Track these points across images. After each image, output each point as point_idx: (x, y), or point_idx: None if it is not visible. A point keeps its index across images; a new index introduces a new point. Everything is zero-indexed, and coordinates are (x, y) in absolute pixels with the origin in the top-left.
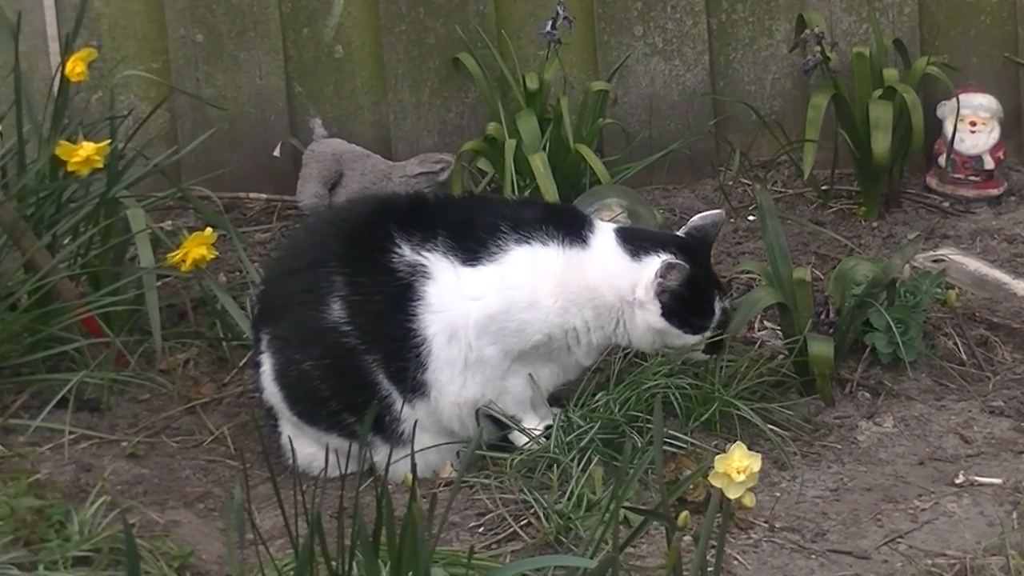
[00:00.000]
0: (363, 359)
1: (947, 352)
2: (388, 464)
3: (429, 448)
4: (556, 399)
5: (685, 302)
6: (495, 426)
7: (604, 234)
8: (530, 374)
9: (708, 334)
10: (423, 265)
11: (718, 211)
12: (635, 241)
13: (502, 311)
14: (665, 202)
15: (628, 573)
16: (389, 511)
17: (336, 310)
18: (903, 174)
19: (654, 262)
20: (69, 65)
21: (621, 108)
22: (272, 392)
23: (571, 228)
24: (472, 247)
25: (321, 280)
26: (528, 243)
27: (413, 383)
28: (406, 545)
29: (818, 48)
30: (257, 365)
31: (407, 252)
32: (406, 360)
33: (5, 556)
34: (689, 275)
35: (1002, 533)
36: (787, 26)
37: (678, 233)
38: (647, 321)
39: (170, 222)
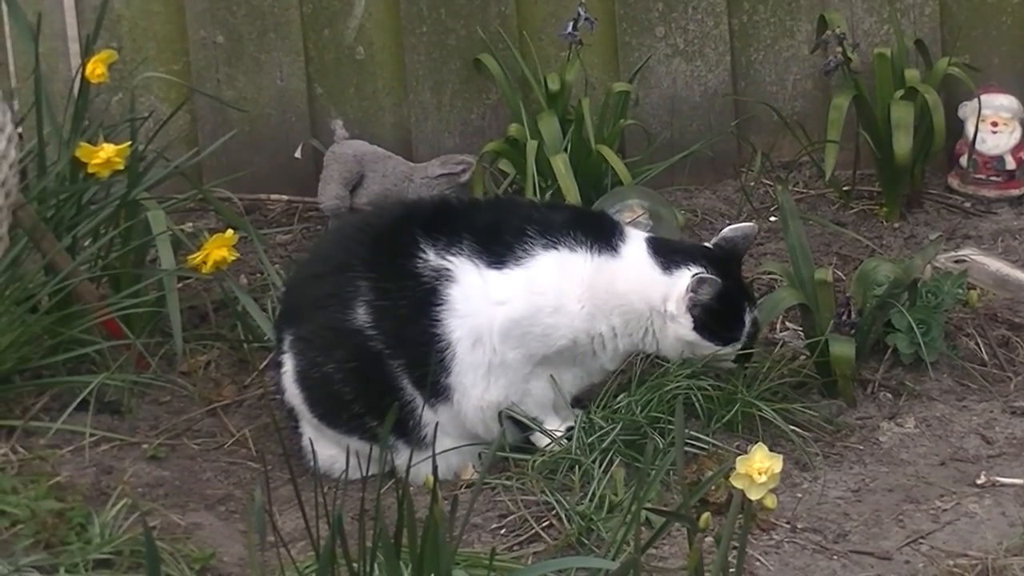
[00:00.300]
0: (388, 364)
1: (968, 352)
2: (409, 466)
3: (451, 450)
4: (578, 400)
5: (716, 315)
6: (517, 428)
7: (635, 243)
8: (552, 376)
9: (739, 345)
10: (448, 269)
11: (750, 224)
12: (666, 253)
13: (527, 316)
14: (687, 203)
15: (650, 574)
16: (410, 513)
17: (361, 315)
18: (924, 174)
19: (685, 276)
20: (89, 67)
21: (642, 109)
22: (293, 393)
23: (600, 234)
24: (498, 250)
25: (347, 285)
26: (556, 248)
27: (436, 387)
28: (427, 547)
29: (839, 49)
30: (279, 366)
31: (432, 256)
32: (432, 367)
33: (26, 559)
34: (720, 289)
35: (1023, 534)
36: (808, 27)
37: (708, 244)
38: (678, 333)
39: (191, 224)
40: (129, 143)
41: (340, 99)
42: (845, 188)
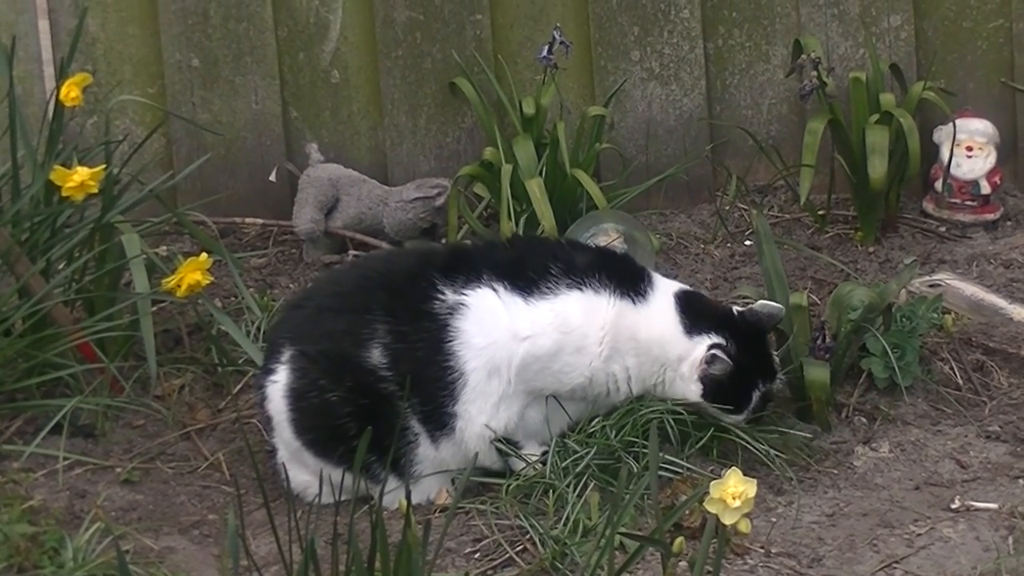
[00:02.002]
0: (397, 405)
1: (943, 377)
2: (382, 491)
3: (428, 476)
4: None
5: (725, 389)
6: (499, 454)
7: (664, 294)
8: (543, 407)
9: (743, 417)
10: (462, 302)
11: (779, 306)
12: (692, 313)
13: (551, 353)
14: (662, 227)
15: None
16: (384, 537)
17: (377, 356)
18: (900, 199)
19: (704, 343)
20: (64, 90)
21: (618, 133)
22: (279, 409)
23: (626, 279)
24: (521, 284)
25: (364, 326)
26: (580, 289)
27: (441, 417)
28: (401, 572)
29: (815, 73)
30: (269, 372)
31: (449, 295)
32: (440, 399)
33: None
34: (731, 370)
35: (998, 558)
36: (784, 51)
37: (736, 309)
38: (687, 394)
39: (165, 247)
40: (104, 166)
41: (315, 123)
42: (820, 212)
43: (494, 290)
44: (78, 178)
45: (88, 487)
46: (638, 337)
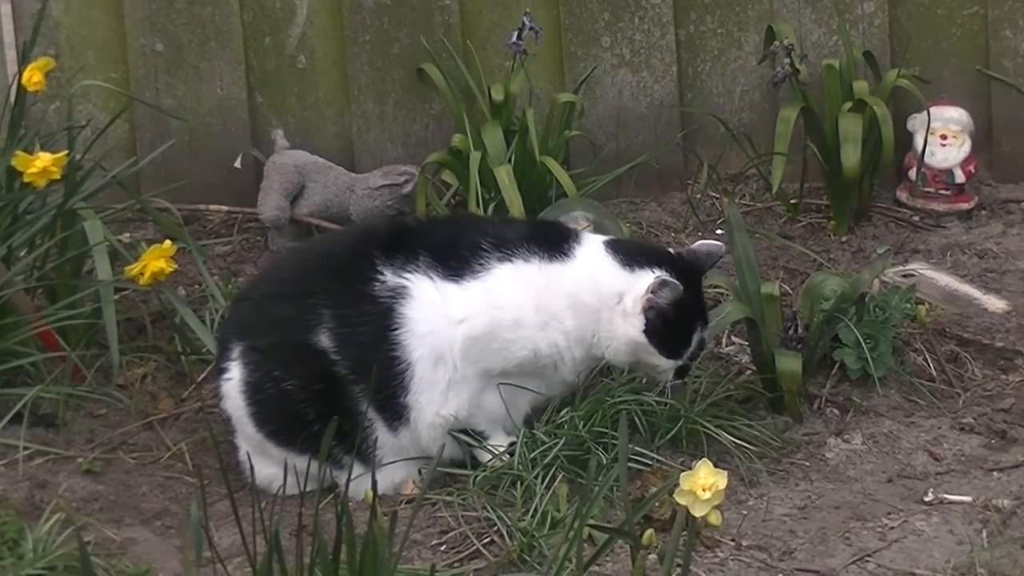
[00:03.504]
0: (351, 388)
1: (917, 368)
2: (348, 480)
3: (391, 463)
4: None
5: (669, 325)
6: (460, 444)
7: (591, 245)
8: (501, 391)
9: (681, 362)
10: (404, 287)
11: (718, 244)
12: (628, 252)
13: (487, 332)
14: (632, 215)
15: None
16: (350, 528)
17: (325, 341)
18: (873, 188)
19: (648, 276)
20: (26, 74)
21: (588, 120)
22: (237, 405)
23: (554, 242)
24: (454, 266)
25: (309, 312)
26: (511, 260)
27: (395, 408)
28: (367, 563)
29: (788, 60)
30: (221, 372)
31: (389, 276)
32: (391, 388)
33: None
34: (680, 298)
35: (972, 552)
36: (756, 38)
37: (672, 251)
38: (627, 334)
39: (128, 235)
40: (66, 152)
41: (281, 109)
42: (792, 201)
43: (429, 277)
44: (40, 164)
45: (49, 477)
46: (569, 290)
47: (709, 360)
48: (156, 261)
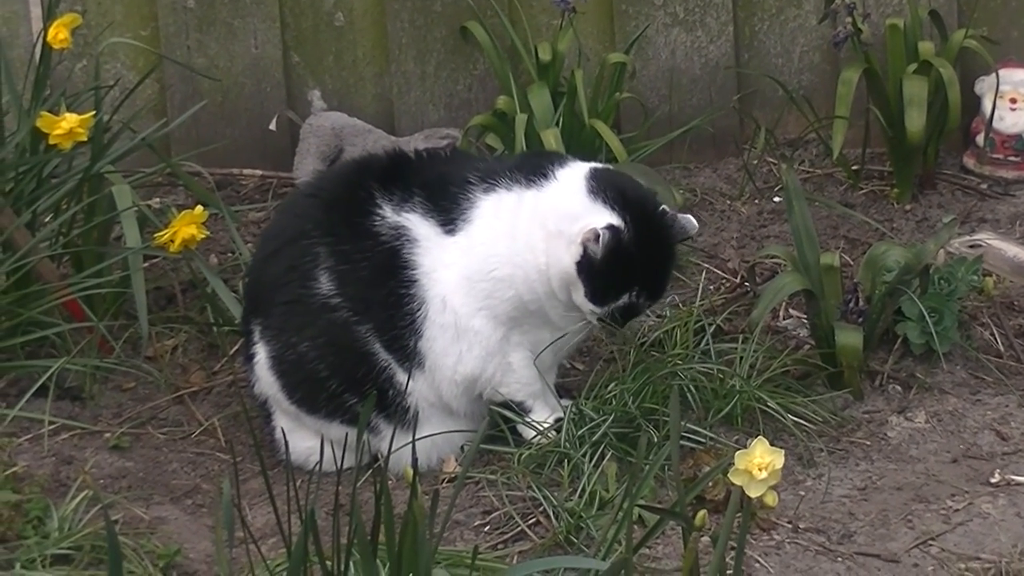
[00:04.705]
0: (356, 331)
1: (983, 343)
2: (389, 452)
3: (433, 435)
4: (567, 391)
5: (603, 266)
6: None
7: (577, 170)
8: (529, 352)
9: (603, 312)
10: (407, 227)
11: (695, 223)
12: (606, 187)
13: (476, 269)
14: (686, 182)
15: None
16: (388, 508)
17: (324, 283)
18: (938, 154)
19: (607, 214)
20: (52, 31)
21: (639, 82)
22: (268, 382)
23: (539, 168)
24: (446, 205)
25: (304, 254)
26: (495, 191)
27: (408, 351)
28: (406, 545)
29: (849, 19)
30: (250, 358)
31: (389, 213)
32: (400, 328)
33: None
34: (613, 254)
35: None
36: None
37: (665, 208)
38: (562, 261)
39: (158, 200)
40: (93, 113)
41: (318, 68)
42: (854, 167)
43: (424, 212)
44: (66, 125)
45: (75, 453)
46: (541, 210)
47: (765, 334)
48: (187, 228)
